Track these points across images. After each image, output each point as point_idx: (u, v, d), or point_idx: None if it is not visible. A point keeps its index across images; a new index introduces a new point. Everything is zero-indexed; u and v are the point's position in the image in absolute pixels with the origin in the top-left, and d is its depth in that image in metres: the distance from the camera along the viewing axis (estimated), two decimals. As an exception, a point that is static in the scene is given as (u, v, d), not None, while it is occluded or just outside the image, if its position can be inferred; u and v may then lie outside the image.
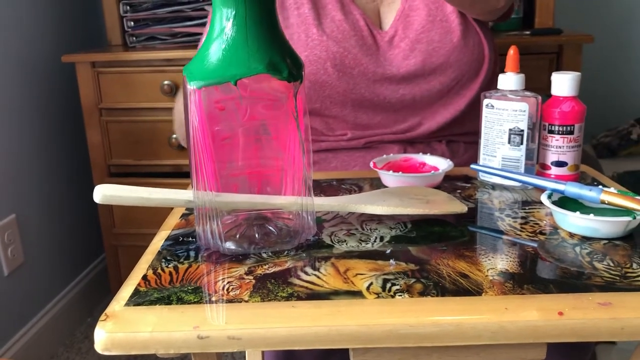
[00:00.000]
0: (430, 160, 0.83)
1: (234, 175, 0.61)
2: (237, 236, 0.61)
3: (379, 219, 0.67)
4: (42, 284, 1.62)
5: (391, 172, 0.77)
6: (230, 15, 0.54)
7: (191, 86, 0.55)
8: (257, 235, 0.61)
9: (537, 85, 1.36)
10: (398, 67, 0.93)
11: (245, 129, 0.59)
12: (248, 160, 0.61)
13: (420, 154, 0.84)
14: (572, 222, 0.61)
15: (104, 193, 0.62)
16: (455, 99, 0.96)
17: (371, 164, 0.80)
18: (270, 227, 0.62)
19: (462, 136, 1.00)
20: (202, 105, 0.56)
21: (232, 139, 0.59)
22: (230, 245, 0.60)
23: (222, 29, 0.54)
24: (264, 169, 0.62)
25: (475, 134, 0.80)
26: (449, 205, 0.67)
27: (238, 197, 0.61)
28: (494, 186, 0.78)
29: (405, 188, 0.72)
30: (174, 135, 1.53)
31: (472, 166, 0.77)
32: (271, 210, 0.63)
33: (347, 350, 0.50)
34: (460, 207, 0.66)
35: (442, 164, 0.80)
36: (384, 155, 0.83)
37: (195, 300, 0.51)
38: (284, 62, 0.55)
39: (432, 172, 0.78)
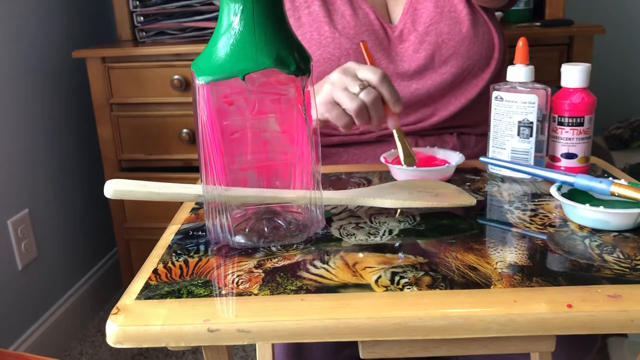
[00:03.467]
0: (440, 153, 0.83)
1: (243, 170, 0.61)
2: (247, 230, 0.62)
3: (387, 212, 0.67)
4: (55, 278, 1.63)
5: (402, 165, 0.77)
6: (238, 10, 0.54)
7: (199, 81, 0.55)
8: (266, 229, 0.61)
9: (547, 77, 1.35)
10: (409, 61, 0.93)
11: (254, 124, 0.59)
12: (257, 155, 0.61)
13: (428, 147, 0.84)
14: (582, 214, 0.61)
15: (115, 188, 0.63)
16: (467, 89, 0.96)
17: (382, 159, 0.80)
18: (280, 221, 0.62)
19: (473, 128, 1.00)
20: (210, 100, 0.56)
21: (241, 133, 0.60)
22: (239, 239, 0.60)
23: (229, 23, 0.54)
24: (273, 163, 0.62)
25: (486, 123, 0.80)
26: (458, 198, 0.67)
27: (247, 191, 0.62)
28: (503, 179, 0.78)
29: (414, 181, 0.72)
30: (184, 130, 1.54)
31: (482, 159, 0.77)
32: (280, 204, 0.63)
33: (357, 344, 0.51)
34: (469, 200, 0.66)
35: (452, 158, 0.80)
36: (393, 150, 0.83)
37: (206, 293, 0.51)
38: (292, 56, 0.55)
39: (447, 165, 0.78)
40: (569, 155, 0.75)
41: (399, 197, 0.65)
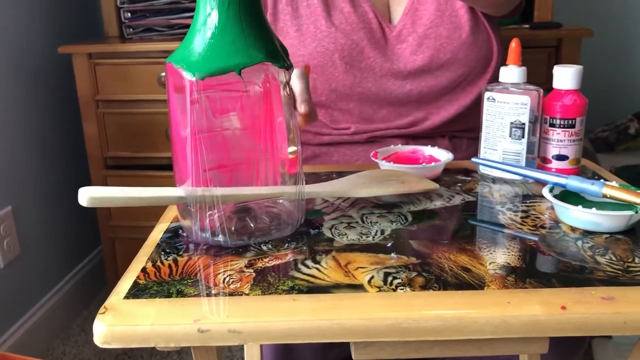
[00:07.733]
0: (429, 151, 0.83)
1: (212, 170, 0.60)
2: (233, 229, 0.61)
3: (379, 212, 0.67)
4: (39, 276, 1.61)
5: (391, 163, 0.77)
6: (222, 5, 0.54)
7: (192, 77, 0.54)
8: (252, 225, 0.61)
9: (535, 79, 1.35)
10: (405, 62, 0.93)
11: (217, 123, 0.58)
12: (220, 154, 0.59)
13: (429, 146, 0.84)
14: (574, 216, 0.61)
15: (90, 195, 0.60)
16: (462, 95, 0.95)
17: (371, 156, 0.80)
18: (264, 217, 0.62)
19: (466, 132, 0.99)
20: (201, 96, 0.55)
21: (206, 132, 0.58)
22: (222, 239, 0.59)
23: (207, 17, 0.55)
24: (237, 162, 0.61)
25: (479, 129, 0.80)
26: (422, 183, 0.70)
27: (230, 190, 0.60)
28: (494, 180, 0.78)
29: (379, 171, 0.75)
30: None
31: (473, 159, 0.77)
32: (256, 201, 0.63)
33: (346, 344, 0.50)
34: (433, 185, 0.70)
35: (441, 156, 0.80)
36: (392, 146, 0.84)
37: (195, 293, 0.51)
38: (278, 49, 0.56)
39: (433, 163, 0.78)
40: (560, 157, 0.75)
41: (372, 186, 0.68)
